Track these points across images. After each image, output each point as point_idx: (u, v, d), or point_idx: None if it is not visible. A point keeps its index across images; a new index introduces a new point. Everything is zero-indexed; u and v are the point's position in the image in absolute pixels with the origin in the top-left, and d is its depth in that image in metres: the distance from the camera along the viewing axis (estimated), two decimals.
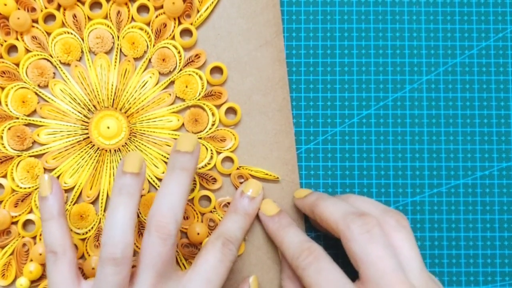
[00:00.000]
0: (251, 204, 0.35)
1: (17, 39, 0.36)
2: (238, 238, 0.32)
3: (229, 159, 0.37)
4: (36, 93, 0.36)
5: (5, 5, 0.35)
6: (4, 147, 0.36)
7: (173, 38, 0.37)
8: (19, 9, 0.36)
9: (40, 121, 0.36)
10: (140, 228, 0.36)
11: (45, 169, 0.36)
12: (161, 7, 0.36)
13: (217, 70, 0.37)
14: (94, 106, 0.36)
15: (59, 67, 0.36)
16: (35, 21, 0.36)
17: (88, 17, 0.36)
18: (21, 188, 0.36)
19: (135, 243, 0.36)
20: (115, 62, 0.36)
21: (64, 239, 0.31)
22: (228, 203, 0.37)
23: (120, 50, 0.37)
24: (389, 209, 0.32)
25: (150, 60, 0.37)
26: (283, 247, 0.33)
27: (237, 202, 0.35)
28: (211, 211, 0.37)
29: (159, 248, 0.29)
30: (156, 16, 0.37)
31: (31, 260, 0.35)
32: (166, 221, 0.29)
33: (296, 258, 0.31)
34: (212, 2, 0.37)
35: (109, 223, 0.28)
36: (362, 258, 0.29)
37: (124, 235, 0.28)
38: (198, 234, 0.36)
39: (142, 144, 0.37)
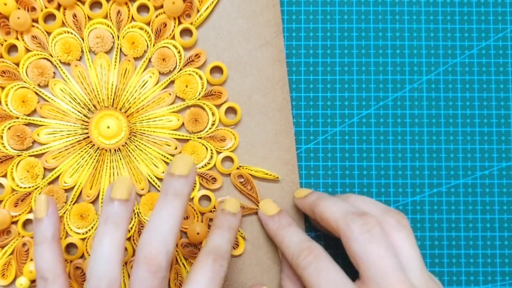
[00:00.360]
0: (234, 219, 0.34)
1: (17, 38, 0.36)
2: (228, 251, 0.31)
3: (229, 158, 0.37)
4: (36, 93, 0.36)
5: (5, 4, 0.35)
6: (4, 146, 0.36)
7: (173, 37, 0.37)
8: (19, 8, 0.36)
9: (40, 121, 0.36)
10: (140, 228, 0.36)
11: (45, 168, 0.36)
12: (161, 6, 0.36)
13: (217, 69, 0.37)
14: (94, 105, 0.36)
15: (59, 67, 0.36)
16: (35, 20, 0.36)
17: (88, 17, 0.36)
18: (21, 187, 0.36)
19: (136, 244, 0.36)
20: (115, 61, 0.36)
21: (55, 264, 0.30)
22: None
23: (120, 49, 0.37)
24: (389, 208, 0.32)
25: (150, 59, 0.37)
26: (283, 247, 0.33)
27: (220, 218, 0.34)
28: (211, 211, 0.37)
29: (148, 282, 0.27)
30: (156, 16, 0.37)
31: (31, 260, 0.35)
32: (155, 252, 0.27)
33: (296, 257, 0.31)
34: (212, 2, 0.37)
35: (94, 255, 0.27)
36: (362, 257, 0.29)
37: (109, 269, 0.27)
38: (198, 233, 0.36)
39: (142, 143, 0.37)
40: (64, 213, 0.36)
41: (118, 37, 0.37)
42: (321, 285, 0.29)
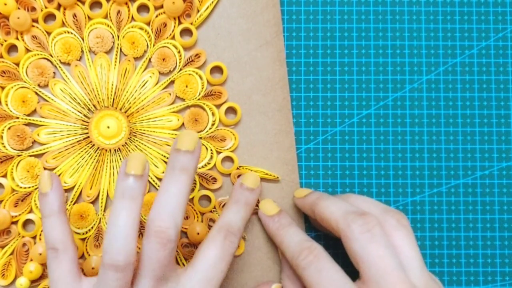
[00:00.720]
0: (251, 195, 0.35)
1: (17, 38, 0.36)
2: (240, 228, 0.32)
3: (229, 158, 0.37)
4: (36, 93, 0.36)
5: (5, 4, 0.35)
6: (4, 146, 0.36)
7: (173, 37, 0.37)
8: (19, 8, 0.36)
9: (40, 121, 0.36)
10: (140, 228, 0.36)
11: (45, 168, 0.36)
12: (161, 6, 0.36)
13: (217, 69, 0.37)
14: (94, 105, 0.36)
15: (59, 67, 0.36)
16: (35, 20, 0.36)
17: (88, 17, 0.36)
18: (21, 187, 0.36)
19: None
20: (115, 61, 0.36)
21: (65, 235, 0.31)
22: None
23: (120, 49, 0.37)
24: (389, 208, 0.32)
25: (150, 59, 0.37)
26: (283, 246, 0.33)
27: (237, 193, 0.35)
28: (211, 211, 0.37)
29: (158, 254, 0.28)
30: (156, 16, 0.37)
31: (31, 260, 0.35)
32: (165, 226, 0.28)
33: (296, 257, 0.31)
34: (212, 2, 0.37)
35: (111, 228, 0.28)
36: (362, 257, 0.29)
37: (126, 242, 0.28)
38: (198, 234, 0.36)
39: (142, 143, 0.37)
40: None
41: (118, 37, 0.37)
42: (321, 285, 0.29)
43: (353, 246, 0.30)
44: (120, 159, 0.36)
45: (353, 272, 0.31)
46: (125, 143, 0.37)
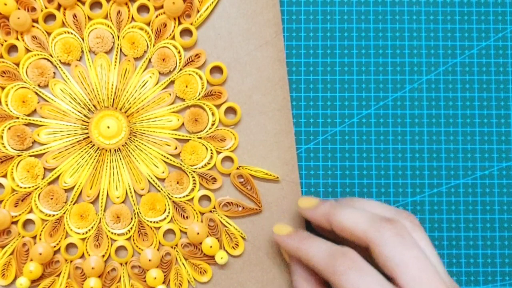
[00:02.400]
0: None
1: (17, 38, 0.36)
2: None
3: (229, 158, 0.37)
4: (36, 93, 0.36)
5: (5, 4, 0.35)
6: (4, 146, 0.36)
7: (173, 38, 0.37)
8: (19, 8, 0.36)
9: (40, 121, 0.36)
10: (140, 228, 0.36)
11: (45, 168, 0.36)
12: (161, 7, 0.36)
13: (217, 70, 0.37)
14: (94, 105, 0.36)
15: (59, 67, 0.36)
16: (35, 21, 0.36)
17: (88, 17, 0.36)
18: (21, 187, 0.36)
19: (136, 244, 0.36)
20: (115, 62, 0.37)
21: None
22: (228, 202, 0.37)
23: (120, 50, 0.37)
24: (399, 210, 0.32)
25: (150, 60, 0.37)
26: (309, 256, 0.31)
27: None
28: (210, 211, 0.37)
29: None
30: (156, 16, 0.37)
31: (31, 260, 0.35)
32: None
33: (332, 264, 0.29)
34: (212, 2, 0.37)
35: None
36: (397, 262, 0.28)
37: None
38: (198, 233, 0.36)
39: (142, 143, 0.37)
40: (64, 213, 0.36)
41: (118, 37, 0.37)
42: None
43: (386, 252, 0.29)
44: (120, 159, 0.37)
45: None
46: (125, 143, 0.37)
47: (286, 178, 0.37)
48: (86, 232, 0.36)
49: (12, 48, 0.37)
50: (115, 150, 0.37)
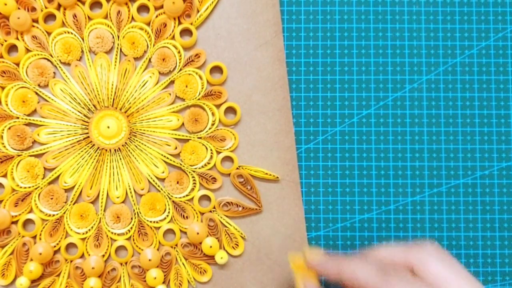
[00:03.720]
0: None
1: (17, 38, 0.36)
2: None
3: (229, 158, 0.37)
4: (36, 93, 0.36)
5: (6, 4, 0.35)
6: (4, 146, 0.36)
7: (173, 38, 0.37)
8: (19, 8, 0.36)
9: (40, 121, 0.36)
10: (140, 228, 0.36)
11: (45, 168, 0.36)
12: (161, 7, 0.36)
13: (217, 69, 0.37)
14: (94, 105, 0.36)
15: (59, 67, 0.36)
16: (35, 20, 0.36)
17: (88, 17, 0.36)
18: (21, 187, 0.36)
19: (136, 244, 0.36)
20: (115, 61, 0.37)
21: None
22: (228, 202, 0.37)
23: (120, 49, 0.37)
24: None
25: (150, 59, 0.37)
26: (357, 275, 0.31)
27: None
28: (210, 211, 0.37)
29: None
30: (156, 16, 0.37)
31: (31, 260, 0.35)
32: None
33: (385, 279, 0.30)
34: (212, 2, 0.37)
35: None
36: (442, 277, 0.30)
37: None
38: (198, 233, 0.36)
39: (142, 143, 0.37)
40: (64, 213, 0.36)
41: (118, 37, 0.37)
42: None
43: (431, 268, 0.30)
44: (120, 159, 0.37)
45: None
46: (125, 143, 0.37)
47: (286, 178, 0.37)
48: (86, 232, 0.36)
49: (12, 48, 0.37)
50: (115, 150, 0.37)
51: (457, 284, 0.30)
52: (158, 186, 0.37)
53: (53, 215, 0.36)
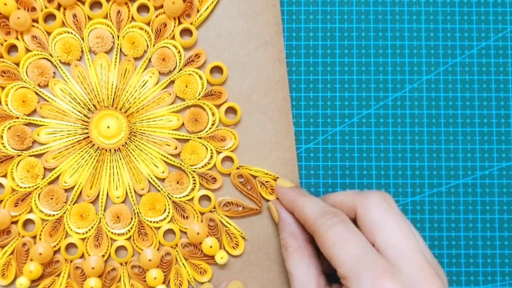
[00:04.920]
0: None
1: (17, 38, 0.36)
2: None
3: (229, 158, 0.37)
4: (36, 93, 0.36)
5: (5, 4, 0.35)
6: (4, 146, 0.36)
7: (173, 37, 0.37)
8: (19, 8, 0.36)
9: (40, 121, 0.36)
10: (140, 228, 0.36)
11: (45, 168, 0.36)
12: (161, 6, 0.36)
13: (217, 69, 0.37)
14: (94, 105, 0.36)
15: (59, 67, 0.36)
16: (35, 20, 0.36)
17: (88, 17, 0.36)
18: (21, 187, 0.36)
19: (136, 244, 0.36)
20: (115, 61, 0.36)
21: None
22: (228, 202, 0.37)
23: (120, 49, 0.37)
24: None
25: (150, 59, 0.37)
26: (304, 209, 0.33)
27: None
28: (210, 211, 0.37)
29: None
30: (156, 16, 0.37)
31: (31, 260, 0.35)
32: None
33: (321, 217, 0.31)
34: (212, 2, 0.37)
35: None
36: (380, 226, 0.29)
37: None
38: (198, 233, 0.36)
39: (142, 143, 0.37)
40: (64, 213, 0.36)
41: (118, 37, 0.37)
42: (347, 243, 0.29)
43: (372, 216, 0.30)
44: (120, 159, 0.37)
45: None
46: (125, 143, 0.37)
47: (286, 178, 0.37)
48: (86, 232, 0.36)
49: (12, 48, 0.37)
50: (115, 150, 0.37)
51: (390, 233, 0.29)
52: (158, 186, 0.37)
53: (53, 215, 0.36)
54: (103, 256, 0.36)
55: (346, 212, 0.31)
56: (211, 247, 0.36)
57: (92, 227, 0.36)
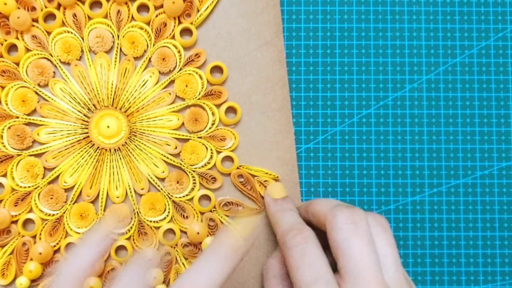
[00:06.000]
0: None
1: (17, 38, 0.36)
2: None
3: (229, 158, 0.37)
4: (36, 92, 0.36)
5: (5, 4, 0.35)
6: (4, 146, 0.36)
7: (173, 37, 0.37)
8: (19, 8, 0.36)
9: (40, 120, 0.36)
10: (140, 227, 0.36)
11: (45, 168, 0.36)
12: (161, 6, 0.36)
13: (217, 69, 0.37)
14: (94, 105, 0.36)
15: (59, 66, 0.36)
16: (35, 20, 0.36)
17: (88, 16, 0.36)
18: (21, 187, 0.36)
19: (135, 243, 0.36)
20: (115, 61, 0.36)
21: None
22: (228, 202, 0.37)
23: (120, 49, 0.37)
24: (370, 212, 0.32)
25: (150, 59, 0.37)
26: (277, 226, 0.33)
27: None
28: (210, 211, 0.37)
29: None
30: (156, 16, 0.37)
31: (31, 260, 0.35)
32: None
33: (285, 235, 0.30)
34: (212, 2, 0.37)
35: None
36: (343, 249, 0.28)
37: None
38: (198, 233, 0.36)
39: (142, 143, 0.37)
40: (64, 212, 0.36)
41: (118, 36, 0.37)
42: (300, 269, 0.28)
43: (337, 237, 0.29)
44: (120, 158, 0.36)
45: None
46: (125, 142, 0.37)
47: (286, 178, 0.37)
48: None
49: (12, 48, 0.37)
50: (115, 149, 0.37)
51: (349, 259, 0.28)
52: (158, 186, 0.37)
53: (53, 215, 0.36)
54: (103, 256, 0.36)
55: (322, 222, 0.31)
56: None
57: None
